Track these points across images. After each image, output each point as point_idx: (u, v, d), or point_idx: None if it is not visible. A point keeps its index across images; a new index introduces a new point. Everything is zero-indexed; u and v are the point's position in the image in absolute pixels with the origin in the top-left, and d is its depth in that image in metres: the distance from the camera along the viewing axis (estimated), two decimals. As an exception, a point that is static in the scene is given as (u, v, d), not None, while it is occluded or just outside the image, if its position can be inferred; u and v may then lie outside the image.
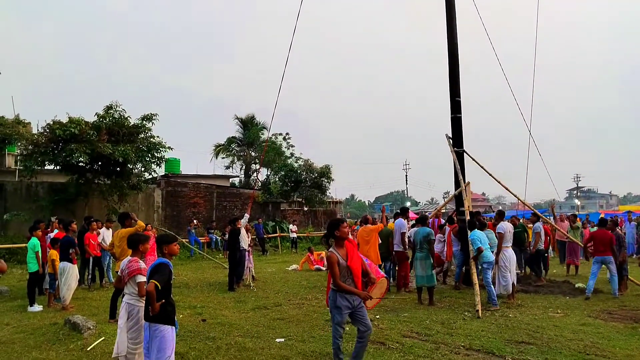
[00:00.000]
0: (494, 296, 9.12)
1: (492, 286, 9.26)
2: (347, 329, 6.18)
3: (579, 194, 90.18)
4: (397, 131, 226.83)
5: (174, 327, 4.69)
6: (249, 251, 12.89)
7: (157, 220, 22.02)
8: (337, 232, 5.25)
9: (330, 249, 5.22)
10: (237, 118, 36.50)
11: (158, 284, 4.47)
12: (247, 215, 13.12)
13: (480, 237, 9.57)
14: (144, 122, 18.27)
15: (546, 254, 13.57)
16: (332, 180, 32.05)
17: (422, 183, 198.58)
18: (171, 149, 18.99)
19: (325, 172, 31.46)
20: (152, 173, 19.74)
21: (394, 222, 11.67)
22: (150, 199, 22.18)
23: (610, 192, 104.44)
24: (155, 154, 18.46)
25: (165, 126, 35.86)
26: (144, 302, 5.03)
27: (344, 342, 5.59)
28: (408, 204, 76.35)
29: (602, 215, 24.02)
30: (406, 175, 78.12)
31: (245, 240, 12.43)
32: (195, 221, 22.16)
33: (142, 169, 18.81)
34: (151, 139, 18.41)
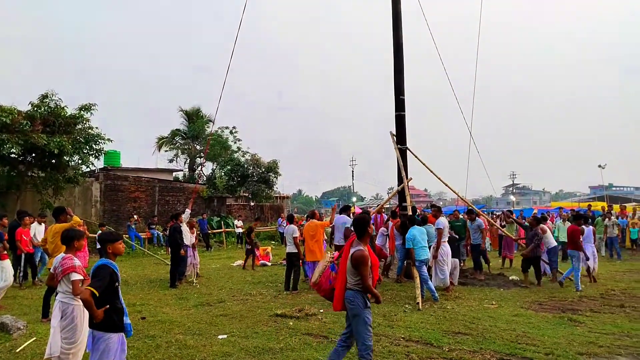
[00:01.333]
0: (433, 291, 9.33)
1: (429, 282, 9.45)
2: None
3: (514, 190, 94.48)
4: (345, 127, 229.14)
5: (121, 334, 4.35)
6: (194, 247, 12.68)
7: (95, 215, 21.16)
8: (370, 228, 5.03)
9: (361, 247, 4.86)
10: (182, 110, 35.59)
11: (95, 291, 4.14)
12: (188, 211, 12.86)
13: (416, 235, 9.64)
14: (82, 112, 17.45)
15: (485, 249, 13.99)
16: (280, 175, 31.96)
17: (368, 179, 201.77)
18: (111, 140, 18.24)
19: (272, 167, 31.27)
20: (90, 166, 18.89)
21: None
22: (88, 192, 21.26)
23: (544, 189, 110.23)
24: (94, 146, 17.66)
25: (105, 117, 34.44)
26: (79, 300, 4.81)
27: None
28: (354, 199, 77.40)
29: (535, 211, 25.34)
30: (352, 171, 79.12)
31: (187, 236, 12.18)
32: (135, 216, 21.46)
33: (80, 161, 17.94)
34: (89, 130, 17.60)
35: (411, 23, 14.79)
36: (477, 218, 12.96)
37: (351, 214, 11.96)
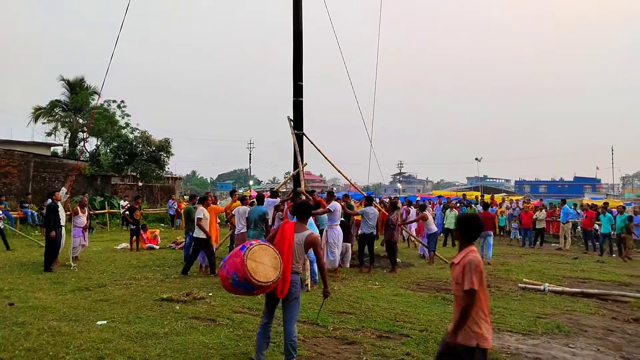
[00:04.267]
0: (314, 274, 9.43)
1: (315, 264, 9.54)
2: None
3: (401, 178, 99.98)
4: (244, 110, 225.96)
5: None
6: (85, 229, 12.17)
7: (-45, 191, 18.81)
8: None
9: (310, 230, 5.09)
10: (64, 79, 32.62)
11: None
12: (64, 189, 11.90)
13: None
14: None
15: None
16: (172, 154, 30.73)
17: (265, 162, 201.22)
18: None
19: (164, 146, 29.91)
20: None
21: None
22: (-52, 165, 18.81)
23: (427, 179, 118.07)
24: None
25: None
26: None
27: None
28: (251, 182, 76.94)
29: (418, 198, 27.09)
30: (250, 154, 78.36)
31: (64, 216, 11.27)
32: (3, 197, 19.34)
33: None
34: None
35: (314, 8, 14.88)
36: (368, 206, 12.04)
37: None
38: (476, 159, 60.96)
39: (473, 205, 20.31)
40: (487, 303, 3.73)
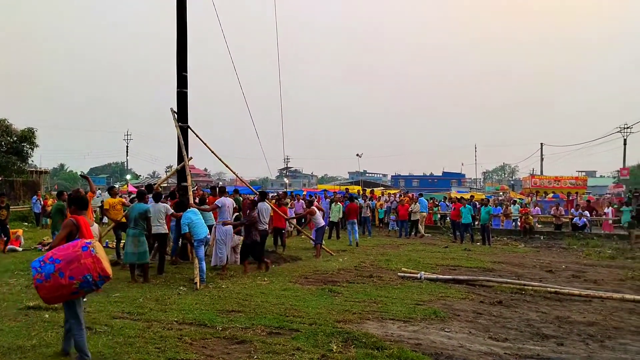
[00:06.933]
0: (203, 273, 9.15)
1: (203, 262, 9.30)
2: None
3: (287, 173, 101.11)
4: (121, 98, 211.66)
5: None
6: None
7: None
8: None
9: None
10: None
11: None
12: None
13: (192, 218, 9.47)
14: None
15: (283, 231, 14.55)
16: (37, 146, 28.01)
17: (144, 155, 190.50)
18: None
19: (27, 136, 27.09)
20: None
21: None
22: None
23: (312, 173, 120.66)
24: None
25: None
26: None
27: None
28: (128, 176, 72.33)
29: (304, 193, 27.56)
30: (127, 146, 73.21)
31: None
32: None
33: None
34: None
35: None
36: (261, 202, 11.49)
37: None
38: (357, 154, 63.75)
39: (355, 198, 21.18)
40: None
